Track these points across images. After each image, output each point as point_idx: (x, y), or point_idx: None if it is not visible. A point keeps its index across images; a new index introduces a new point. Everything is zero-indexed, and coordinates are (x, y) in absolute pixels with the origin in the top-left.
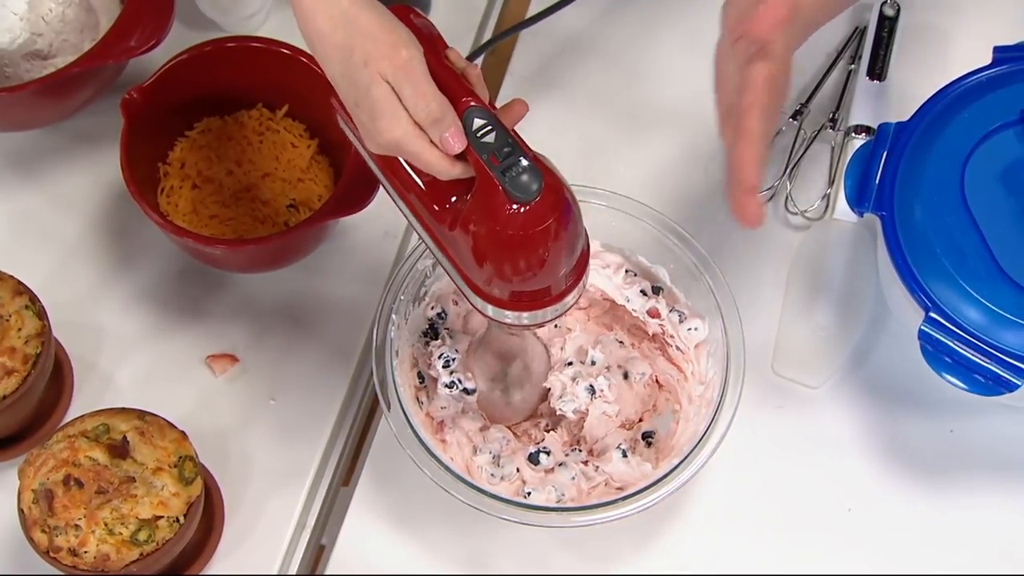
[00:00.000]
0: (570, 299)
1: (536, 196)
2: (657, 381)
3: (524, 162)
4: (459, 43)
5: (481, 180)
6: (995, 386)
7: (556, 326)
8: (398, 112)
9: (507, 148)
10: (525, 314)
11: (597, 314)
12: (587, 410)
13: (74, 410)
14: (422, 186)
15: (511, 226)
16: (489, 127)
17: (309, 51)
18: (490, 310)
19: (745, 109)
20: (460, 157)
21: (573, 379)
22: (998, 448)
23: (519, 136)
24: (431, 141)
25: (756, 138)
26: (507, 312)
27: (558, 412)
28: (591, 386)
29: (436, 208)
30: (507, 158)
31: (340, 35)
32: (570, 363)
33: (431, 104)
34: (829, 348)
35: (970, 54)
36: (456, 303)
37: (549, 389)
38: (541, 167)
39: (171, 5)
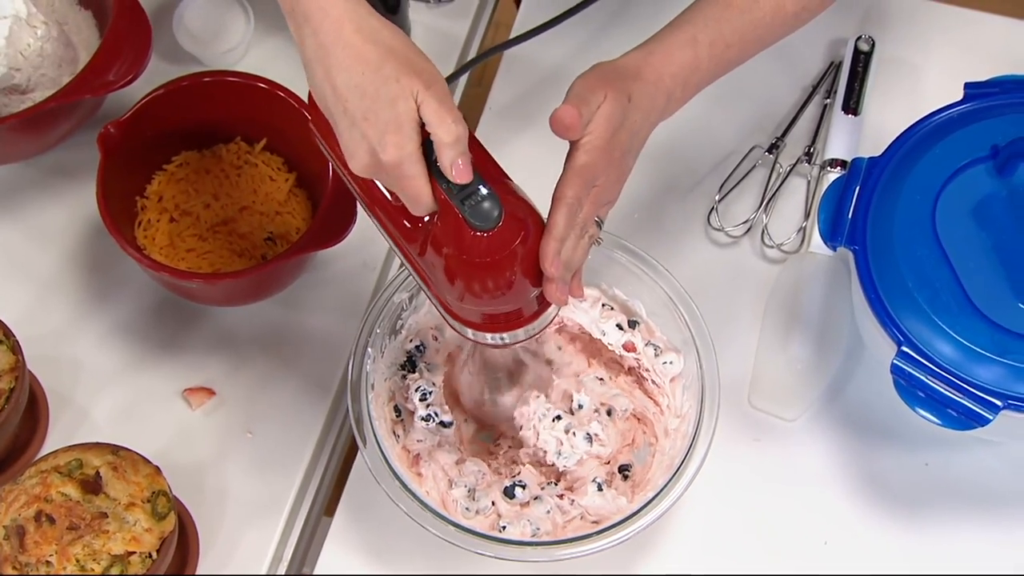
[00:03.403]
0: (544, 318)
1: (496, 224)
2: (635, 415)
3: (483, 191)
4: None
5: (444, 209)
6: (967, 420)
7: (550, 361)
8: (413, 132)
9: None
10: (506, 334)
11: (580, 347)
12: (585, 458)
13: (49, 444)
14: (395, 208)
15: (475, 253)
16: None
17: (313, 60)
18: (469, 332)
19: (552, 199)
20: (435, 193)
21: (567, 431)
22: (973, 481)
23: (493, 161)
24: (426, 170)
25: (555, 234)
26: (486, 334)
27: (560, 468)
28: (588, 434)
29: (407, 226)
30: (466, 187)
31: (370, 48)
32: (558, 417)
33: (455, 125)
34: (805, 381)
35: (942, 89)
36: (436, 338)
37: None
38: (502, 194)
39: (149, 40)
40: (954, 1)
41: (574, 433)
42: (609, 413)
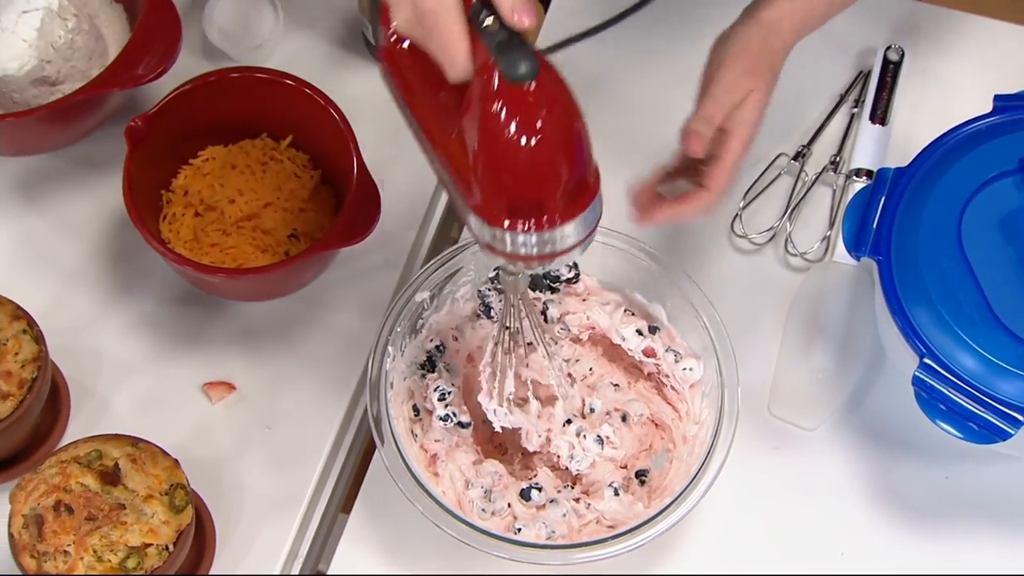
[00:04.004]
0: (569, 229)
1: (531, 77)
2: (653, 421)
3: (522, 47)
4: None
5: (481, 66)
6: (989, 434)
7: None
8: None
9: (508, 34)
10: (533, 238)
11: (601, 352)
12: (598, 461)
13: (70, 435)
14: (431, 100)
15: (506, 110)
16: (492, 16)
17: None
18: (496, 235)
19: (730, 134)
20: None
21: (578, 434)
22: (993, 496)
23: None
24: (465, 28)
25: (736, 159)
26: (507, 235)
27: (574, 472)
28: (599, 437)
29: (442, 114)
30: (506, 41)
31: None
32: (569, 421)
33: None
34: (826, 390)
35: (972, 101)
36: (456, 338)
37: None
38: (539, 57)
39: (179, 34)
40: (985, 13)
41: (585, 436)
42: (624, 419)
